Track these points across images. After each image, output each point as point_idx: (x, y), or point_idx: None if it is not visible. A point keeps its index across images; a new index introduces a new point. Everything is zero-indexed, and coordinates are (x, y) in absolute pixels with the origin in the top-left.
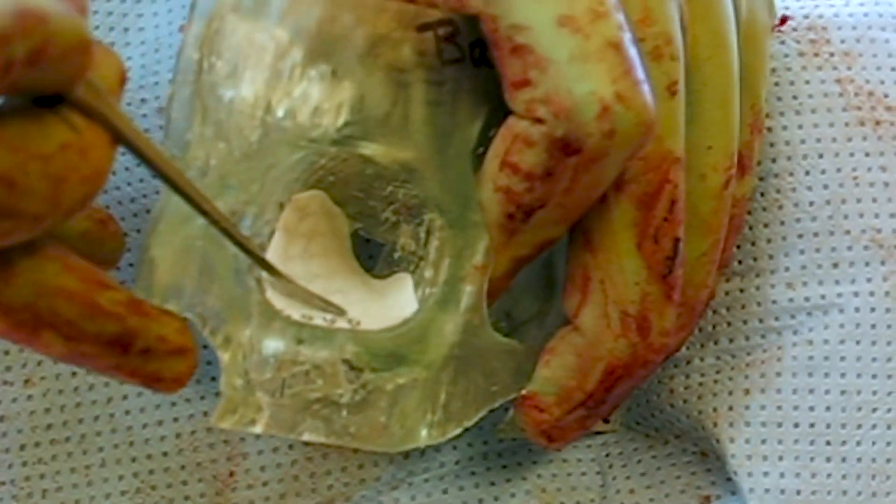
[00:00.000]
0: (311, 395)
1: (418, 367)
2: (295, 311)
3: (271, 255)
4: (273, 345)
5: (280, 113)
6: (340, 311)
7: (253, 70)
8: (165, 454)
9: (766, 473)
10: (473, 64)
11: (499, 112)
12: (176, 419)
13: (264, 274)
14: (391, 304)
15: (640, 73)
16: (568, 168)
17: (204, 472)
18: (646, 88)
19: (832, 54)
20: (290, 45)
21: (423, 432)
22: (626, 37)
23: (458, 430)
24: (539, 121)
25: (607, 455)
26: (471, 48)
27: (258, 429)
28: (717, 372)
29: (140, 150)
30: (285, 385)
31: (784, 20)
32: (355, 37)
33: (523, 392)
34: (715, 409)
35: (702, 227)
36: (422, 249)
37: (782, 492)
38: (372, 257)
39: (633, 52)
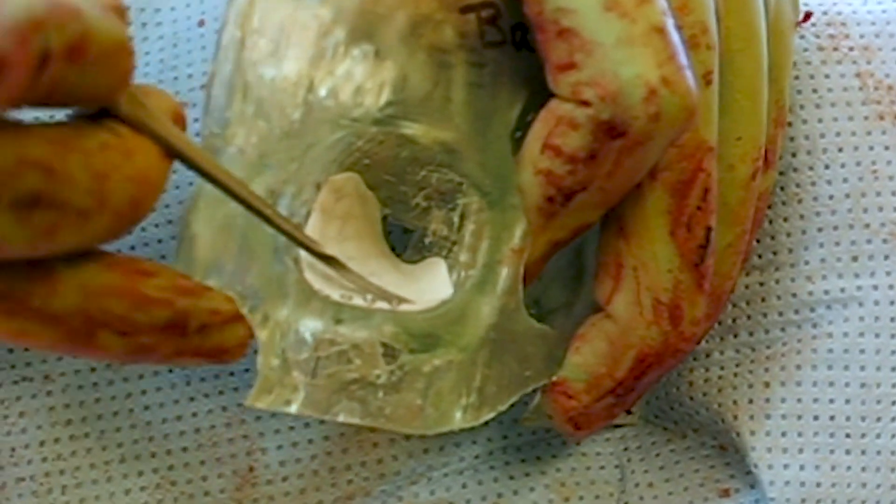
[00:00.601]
0: (348, 376)
1: (454, 348)
2: (334, 292)
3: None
4: (311, 324)
5: (323, 92)
6: (396, 297)
7: (296, 48)
8: (185, 449)
9: (786, 466)
10: (515, 47)
11: (538, 96)
12: (195, 414)
13: (305, 256)
14: (425, 287)
15: (683, 58)
16: (612, 151)
17: (224, 468)
18: (689, 73)
19: (851, 49)
20: (332, 24)
21: (458, 415)
22: (670, 22)
23: (492, 415)
24: (584, 103)
25: (626, 449)
26: (512, 31)
27: (293, 408)
28: (737, 365)
29: (193, 162)
30: (321, 365)
31: (808, 16)
32: (398, 17)
33: (553, 378)
34: (735, 402)
35: (729, 218)
36: (455, 234)
37: (802, 484)
38: (394, 250)
39: (676, 37)
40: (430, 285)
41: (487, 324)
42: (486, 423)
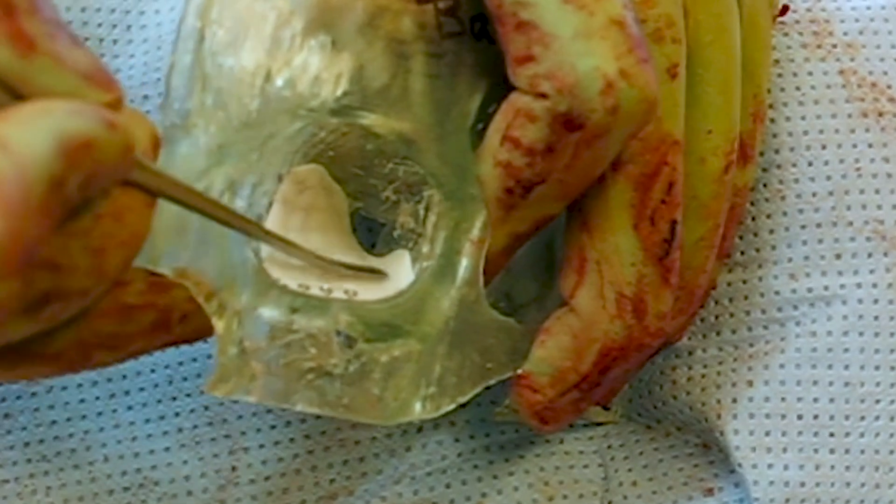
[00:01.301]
0: (305, 365)
1: (413, 339)
2: (291, 281)
3: (269, 226)
4: (268, 313)
5: (280, 82)
6: (373, 270)
7: (253, 39)
8: (168, 449)
9: (770, 465)
10: (474, 38)
11: (498, 87)
12: (177, 414)
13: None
14: (389, 280)
15: (643, 52)
16: (570, 144)
17: (206, 467)
18: (649, 67)
19: (835, 46)
20: (290, 14)
21: (417, 406)
22: (630, 15)
23: (452, 406)
24: (542, 96)
25: (609, 447)
26: (471, 22)
27: (252, 398)
28: (720, 363)
29: (183, 201)
30: (279, 354)
31: (785, 10)
32: (356, 7)
33: (518, 371)
34: (718, 401)
35: (701, 211)
36: (420, 227)
37: (786, 483)
38: (374, 245)
39: (636, 30)
40: (393, 276)
41: (447, 315)
42: (468, 420)
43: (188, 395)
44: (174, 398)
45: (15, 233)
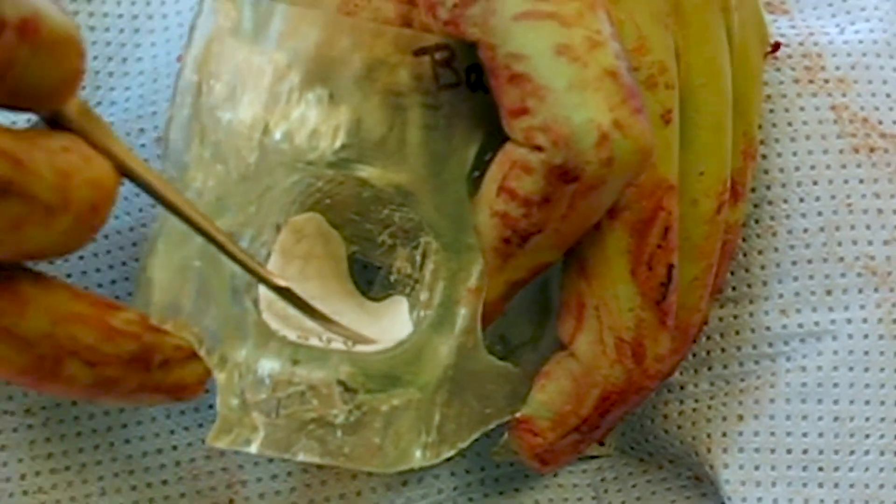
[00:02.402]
0: (306, 416)
1: (412, 388)
2: (291, 332)
3: None
4: (268, 365)
5: (277, 135)
6: (364, 339)
7: (251, 93)
8: (165, 482)
9: (759, 499)
10: (470, 88)
11: (495, 136)
12: (175, 447)
13: (265, 295)
14: (386, 326)
15: (637, 102)
16: (565, 195)
17: (203, 500)
18: (643, 116)
19: (827, 81)
20: (287, 68)
21: (417, 453)
22: (623, 65)
23: (452, 452)
24: (537, 148)
25: (602, 479)
26: (467, 73)
27: (253, 448)
28: (711, 398)
29: (137, 174)
30: (280, 405)
31: (777, 47)
32: (352, 61)
33: (518, 415)
34: (708, 435)
35: (694, 252)
36: (417, 272)
37: None
38: (371, 282)
39: (630, 80)
40: (391, 324)
41: (445, 363)
42: (464, 454)
43: (185, 429)
44: (172, 431)
45: None
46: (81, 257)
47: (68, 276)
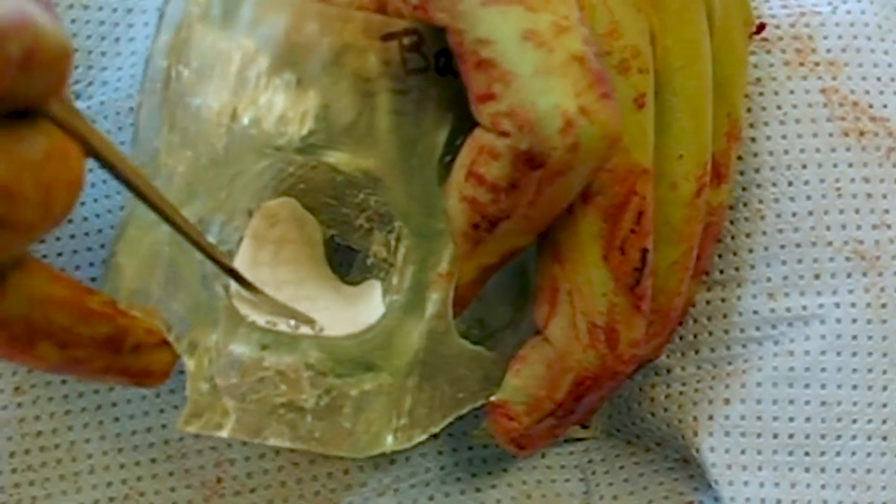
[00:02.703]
0: (276, 401)
1: (383, 372)
2: (260, 318)
3: (239, 262)
4: (238, 350)
5: (245, 121)
6: (308, 320)
7: (219, 79)
8: (154, 461)
9: (746, 482)
10: (439, 73)
11: (465, 120)
12: (164, 426)
13: (233, 283)
14: (360, 310)
15: (605, 87)
16: (532, 181)
17: (192, 479)
18: (610, 102)
19: (817, 63)
20: (256, 53)
21: (389, 438)
22: (591, 50)
23: (424, 436)
24: (504, 134)
25: (590, 461)
26: (436, 57)
27: (224, 433)
28: (698, 381)
29: (109, 161)
30: (250, 390)
31: (761, 28)
32: (320, 46)
33: (493, 399)
34: (695, 418)
35: (673, 236)
36: (392, 257)
37: (762, 501)
38: (351, 264)
39: (598, 65)
40: (364, 308)
41: (416, 347)
42: (451, 434)
43: (175, 407)
44: (161, 410)
45: None
46: (58, 238)
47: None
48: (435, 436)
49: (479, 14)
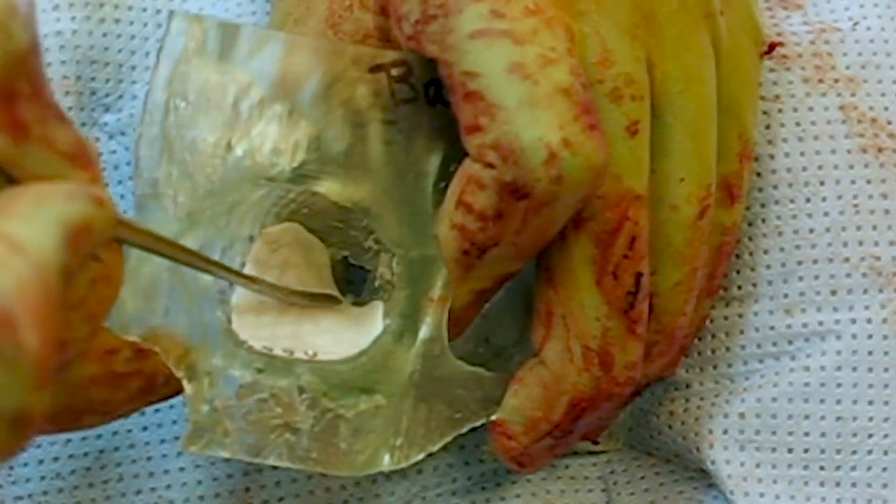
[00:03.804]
0: (273, 422)
1: (378, 395)
2: (257, 342)
3: (241, 287)
4: (236, 373)
5: (239, 152)
6: (329, 298)
7: (215, 111)
8: (182, 469)
9: (761, 494)
10: (428, 103)
11: (458, 147)
12: None
13: (236, 305)
14: (361, 332)
15: (591, 118)
16: (518, 211)
17: (220, 488)
18: (596, 133)
19: (837, 80)
20: (249, 86)
21: (386, 457)
22: (579, 81)
23: (422, 456)
24: (490, 165)
25: (612, 472)
26: (426, 87)
27: (225, 453)
28: (715, 395)
29: (145, 246)
30: (248, 412)
31: (772, 47)
32: (312, 77)
33: (493, 418)
34: (710, 432)
35: (675, 258)
36: (394, 278)
37: None
38: (365, 281)
39: (584, 96)
40: (366, 330)
41: (410, 370)
42: (477, 445)
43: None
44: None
45: (47, 338)
46: None
47: None
48: (462, 447)
49: (466, 47)
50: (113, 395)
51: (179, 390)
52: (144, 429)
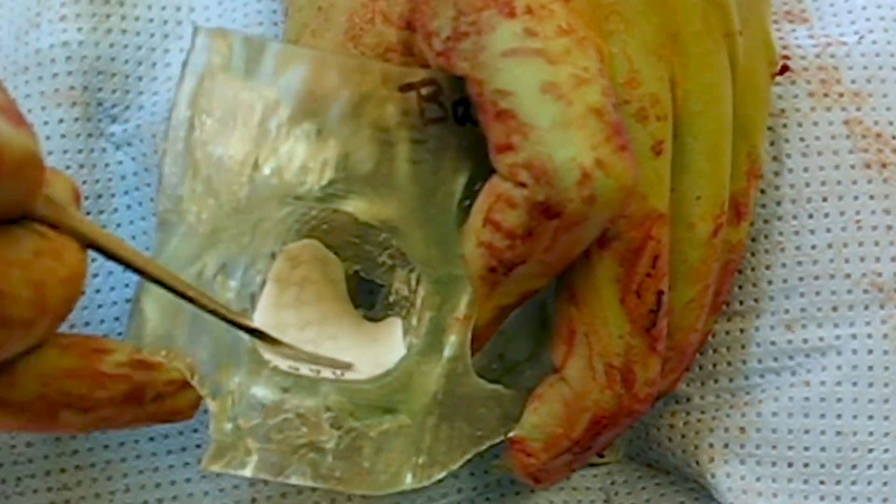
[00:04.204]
0: (298, 441)
1: (402, 415)
2: (282, 362)
3: (263, 304)
4: (260, 392)
5: (267, 171)
6: (342, 365)
7: (241, 128)
8: (188, 480)
9: None
10: (457, 122)
11: (484, 166)
12: (199, 445)
13: (260, 324)
14: (381, 349)
15: (622, 139)
16: (548, 230)
17: (226, 498)
18: (627, 154)
19: (841, 94)
20: (276, 104)
21: (408, 476)
22: (610, 102)
23: (444, 474)
24: (521, 184)
25: (612, 483)
26: (454, 106)
27: (247, 472)
28: (716, 410)
29: (109, 250)
30: (272, 431)
31: (784, 69)
32: (340, 96)
33: (511, 436)
34: (711, 446)
35: (690, 275)
36: (412, 295)
37: None
38: (376, 297)
39: (615, 117)
40: (386, 347)
41: (434, 389)
42: (482, 456)
43: (208, 427)
44: (195, 430)
45: None
46: None
47: None
48: (468, 458)
49: (499, 65)
50: (93, 391)
51: (171, 413)
52: (151, 439)
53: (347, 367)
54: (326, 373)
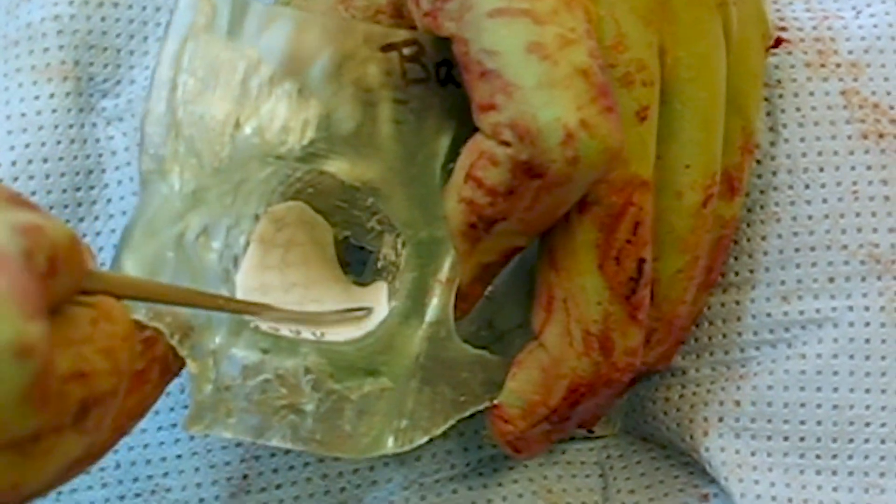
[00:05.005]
0: (278, 403)
1: (383, 377)
2: (262, 323)
3: (246, 265)
4: (240, 353)
5: (248, 130)
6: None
7: (223, 88)
8: (179, 457)
9: (756, 481)
10: (439, 83)
11: (468, 128)
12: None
13: (241, 285)
14: (368, 312)
15: (608, 100)
16: (530, 189)
17: (218, 475)
18: (612, 116)
19: (839, 65)
20: (258, 63)
21: (390, 440)
22: (596, 63)
23: (426, 438)
24: (504, 143)
25: (608, 457)
26: (437, 67)
27: (228, 433)
28: (711, 383)
29: (139, 298)
30: (252, 392)
31: (779, 42)
32: (322, 56)
33: (493, 402)
34: (706, 419)
35: (678, 244)
36: (398, 259)
37: (773, 498)
38: (364, 262)
39: (602, 78)
40: (372, 311)
41: (416, 352)
42: (476, 431)
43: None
44: (186, 406)
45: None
46: None
47: None
48: (461, 433)
49: (485, 25)
50: (141, 390)
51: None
52: None
53: (368, 311)
54: (306, 334)
